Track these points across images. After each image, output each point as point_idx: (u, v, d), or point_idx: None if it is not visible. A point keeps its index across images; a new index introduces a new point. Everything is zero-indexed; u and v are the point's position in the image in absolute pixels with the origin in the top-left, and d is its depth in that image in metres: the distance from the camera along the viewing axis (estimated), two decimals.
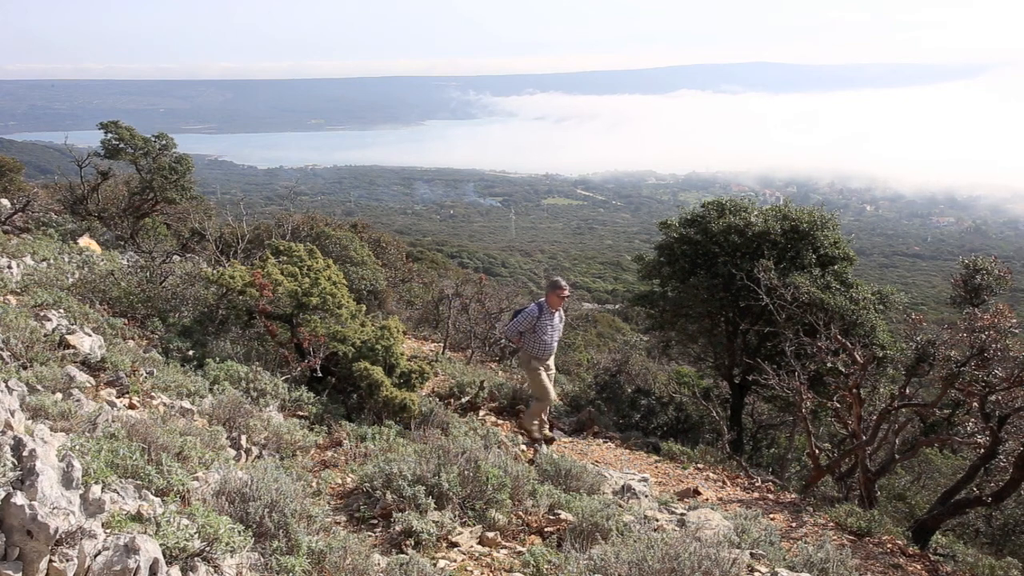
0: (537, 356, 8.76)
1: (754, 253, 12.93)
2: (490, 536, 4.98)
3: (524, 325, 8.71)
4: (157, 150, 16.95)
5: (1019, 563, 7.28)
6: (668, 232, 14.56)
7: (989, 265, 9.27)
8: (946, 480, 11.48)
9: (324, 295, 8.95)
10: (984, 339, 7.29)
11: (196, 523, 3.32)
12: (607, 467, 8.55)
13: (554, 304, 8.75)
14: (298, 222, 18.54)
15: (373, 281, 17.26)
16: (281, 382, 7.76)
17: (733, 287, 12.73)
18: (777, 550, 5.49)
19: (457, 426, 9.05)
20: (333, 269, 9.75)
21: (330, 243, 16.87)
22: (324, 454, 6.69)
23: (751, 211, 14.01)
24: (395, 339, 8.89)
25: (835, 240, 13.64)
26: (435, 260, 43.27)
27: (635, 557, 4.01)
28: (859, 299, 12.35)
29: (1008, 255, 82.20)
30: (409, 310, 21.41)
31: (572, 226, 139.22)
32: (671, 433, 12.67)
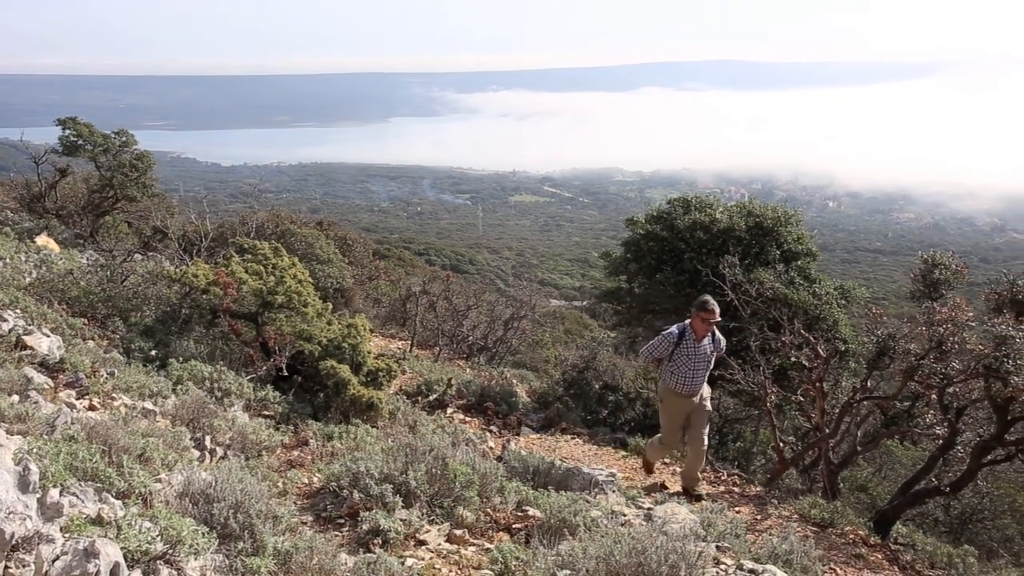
0: (673, 389, 7.47)
1: (719, 249, 13.05)
2: (458, 534, 4.97)
3: (660, 350, 7.46)
4: (117, 147, 16.66)
5: (975, 551, 7.44)
6: (634, 229, 14.65)
7: (947, 260, 9.45)
8: (906, 471, 11.69)
9: (289, 293, 8.86)
10: (942, 332, 7.42)
11: (159, 525, 3.26)
12: (575, 463, 8.58)
13: (699, 330, 7.31)
14: (263, 220, 18.36)
15: (339, 279, 17.16)
16: (246, 382, 7.67)
17: (699, 283, 12.82)
18: (742, 542, 5.55)
19: (425, 424, 9.04)
20: (299, 267, 9.66)
21: (295, 241, 16.74)
22: (290, 454, 6.63)
23: (716, 208, 14.15)
24: (362, 337, 8.84)
25: (798, 236, 13.83)
26: (402, 258, 43.07)
27: (602, 552, 4.03)
28: (822, 294, 12.53)
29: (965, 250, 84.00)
30: (376, 308, 21.32)
31: (539, 223, 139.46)
32: (639, 428, 12.74)
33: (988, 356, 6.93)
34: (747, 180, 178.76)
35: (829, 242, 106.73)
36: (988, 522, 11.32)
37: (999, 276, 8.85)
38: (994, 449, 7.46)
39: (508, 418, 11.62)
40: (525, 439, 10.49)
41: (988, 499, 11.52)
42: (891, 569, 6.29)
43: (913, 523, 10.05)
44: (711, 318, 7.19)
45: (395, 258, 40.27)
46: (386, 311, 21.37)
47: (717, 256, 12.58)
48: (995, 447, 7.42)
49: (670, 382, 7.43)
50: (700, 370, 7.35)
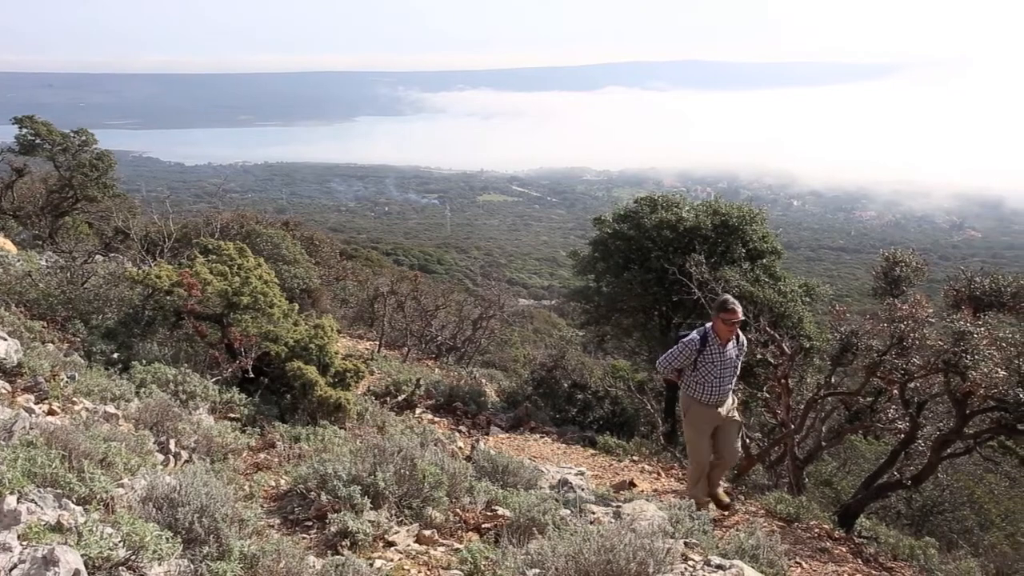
0: (697, 400, 6.80)
1: (686, 248, 13.17)
2: (427, 534, 4.95)
3: (681, 359, 6.75)
4: (77, 146, 16.37)
5: (936, 542, 7.59)
6: (602, 228, 14.72)
7: (907, 258, 9.62)
8: (870, 465, 11.89)
9: (255, 294, 8.77)
10: (903, 329, 7.56)
11: (121, 531, 3.21)
12: (544, 462, 8.60)
13: (722, 333, 6.64)
14: (227, 220, 18.15)
15: (306, 279, 17.02)
16: (211, 384, 7.57)
17: (666, 281, 12.94)
18: (710, 538, 5.60)
19: (393, 425, 9.00)
20: (264, 268, 9.56)
21: (261, 241, 16.56)
22: (257, 456, 6.55)
23: (682, 207, 14.28)
24: (329, 338, 8.76)
25: (763, 235, 14.00)
26: (370, 258, 42.83)
27: (571, 550, 4.04)
28: (787, 292, 12.72)
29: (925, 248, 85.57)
30: (344, 308, 21.19)
31: (508, 222, 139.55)
32: (607, 427, 12.81)
33: (947, 352, 7.07)
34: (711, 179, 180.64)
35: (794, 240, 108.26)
36: (948, 514, 11.56)
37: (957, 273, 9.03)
38: (953, 442, 7.62)
39: (477, 418, 11.61)
40: (494, 438, 10.49)
41: (948, 491, 11.76)
42: (855, 562, 6.39)
43: (876, 516, 10.22)
44: (733, 319, 6.54)
45: (362, 258, 40.02)
46: (354, 311, 21.25)
47: (684, 255, 12.69)
48: (954, 440, 7.58)
49: (695, 392, 6.76)
50: (727, 377, 6.73)
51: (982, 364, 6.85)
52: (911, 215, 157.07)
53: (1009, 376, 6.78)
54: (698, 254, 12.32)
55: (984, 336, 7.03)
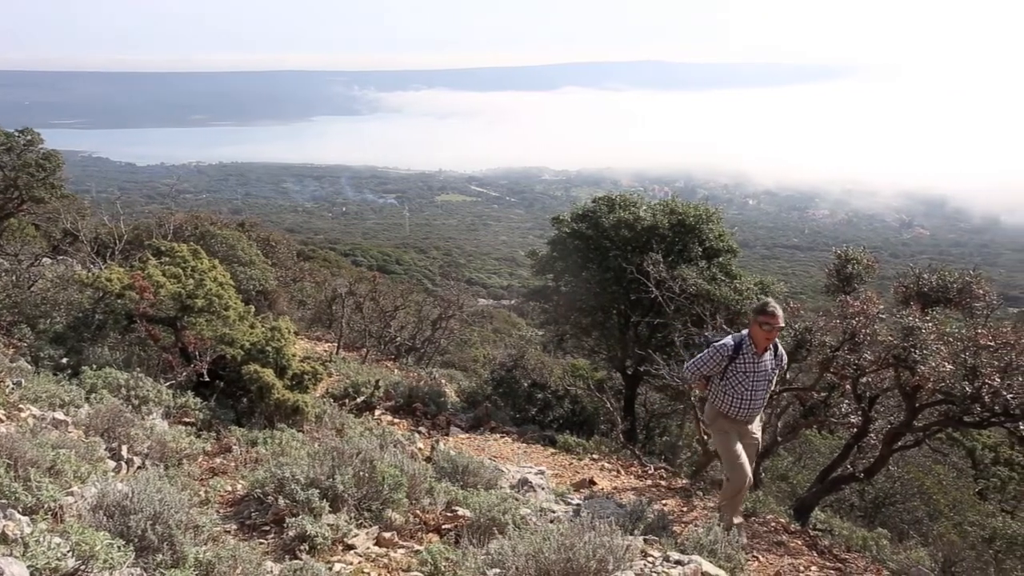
0: (725, 414, 6.12)
1: (644, 247, 13.26)
2: (387, 536, 4.92)
3: (710, 365, 6.06)
4: (22, 146, 15.93)
5: (888, 533, 7.76)
6: (560, 227, 14.76)
7: (859, 255, 9.82)
8: (824, 459, 12.12)
9: (210, 297, 8.62)
10: (855, 325, 7.71)
11: (70, 541, 3.13)
12: (505, 462, 8.60)
13: (759, 340, 6.00)
14: (181, 221, 17.82)
15: (262, 281, 16.79)
16: (165, 388, 7.44)
17: (624, 280, 13.01)
18: (669, 534, 5.67)
19: (352, 427, 8.93)
20: (219, 269, 9.41)
21: (216, 243, 16.31)
22: (213, 461, 6.45)
23: (640, 206, 14.37)
24: (286, 340, 8.67)
25: (720, 233, 14.16)
26: (327, 259, 42.43)
27: (531, 549, 4.05)
28: (743, 290, 12.87)
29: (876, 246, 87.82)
30: (301, 310, 20.97)
31: (467, 222, 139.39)
32: (567, 425, 12.87)
33: (897, 347, 7.23)
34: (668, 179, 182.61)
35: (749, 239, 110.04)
36: (899, 505, 11.82)
37: (907, 270, 9.26)
38: (904, 435, 7.79)
39: (437, 418, 11.58)
40: (454, 439, 10.47)
41: (899, 483, 12.03)
42: (810, 554, 6.51)
43: (831, 509, 10.42)
44: (774, 324, 5.91)
45: (320, 259, 39.64)
46: (311, 313, 21.03)
47: (642, 254, 12.78)
48: (905, 433, 7.75)
49: (722, 405, 6.08)
50: (760, 390, 6.05)
51: (930, 358, 7.02)
52: (862, 214, 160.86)
53: (956, 370, 6.95)
54: (656, 253, 12.41)
55: (932, 331, 7.20)
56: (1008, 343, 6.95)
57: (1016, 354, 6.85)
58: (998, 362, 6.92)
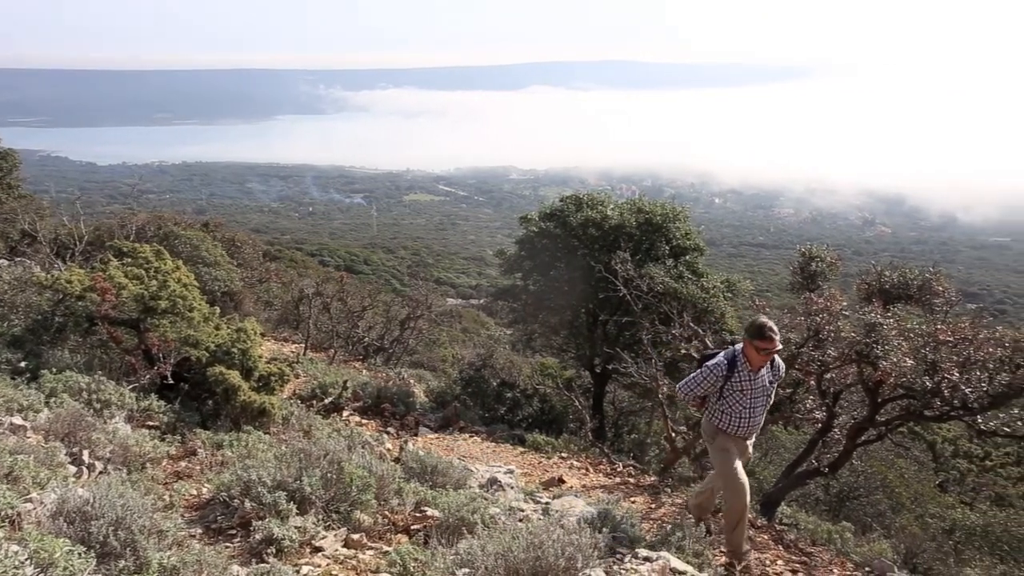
0: (724, 430, 5.84)
1: (611, 245, 13.34)
2: (355, 538, 4.89)
3: (705, 386, 5.78)
4: None
5: (852, 526, 7.89)
6: (528, 227, 14.80)
7: (823, 253, 9.98)
8: (790, 454, 12.28)
9: (174, 298, 8.49)
10: (819, 322, 7.83)
11: (28, 548, 3.06)
12: (474, 461, 8.59)
13: (754, 360, 5.64)
14: (144, 221, 17.55)
15: (228, 282, 16.60)
16: (128, 391, 7.30)
17: (592, 279, 13.08)
18: (637, 531, 5.70)
19: (320, 428, 8.85)
20: (183, 270, 9.27)
21: (180, 243, 16.09)
22: (177, 465, 6.35)
23: (607, 205, 14.46)
24: (252, 341, 8.56)
25: (686, 232, 14.30)
26: (294, 259, 42.13)
27: (500, 548, 4.05)
28: (709, 288, 13.01)
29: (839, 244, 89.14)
30: (268, 311, 20.77)
31: (435, 222, 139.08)
32: (536, 424, 12.89)
33: (860, 343, 7.36)
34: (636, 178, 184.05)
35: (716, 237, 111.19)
36: (863, 499, 12.02)
37: (869, 268, 9.43)
38: (867, 430, 7.93)
39: (406, 419, 11.53)
40: (423, 439, 10.43)
41: (863, 477, 12.23)
42: (777, 548, 6.59)
43: (797, 503, 10.57)
44: (771, 349, 5.53)
45: (287, 259, 39.35)
46: (278, 314, 20.83)
47: (609, 252, 12.86)
48: (868, 428, 7.89)
49: (720, 423, 5.81)
50: (759, 407, 5.80)
51: (892, 354, 7.15)
52: (826, 212, 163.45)
53: (916, 365, 7.09)
54: (623, 252, 12.50)
55: (893, 327, 7.34)
56: (966, 339, 7.10)
57: (974, 349, 7.01)
58: (957, 357, 7.07)
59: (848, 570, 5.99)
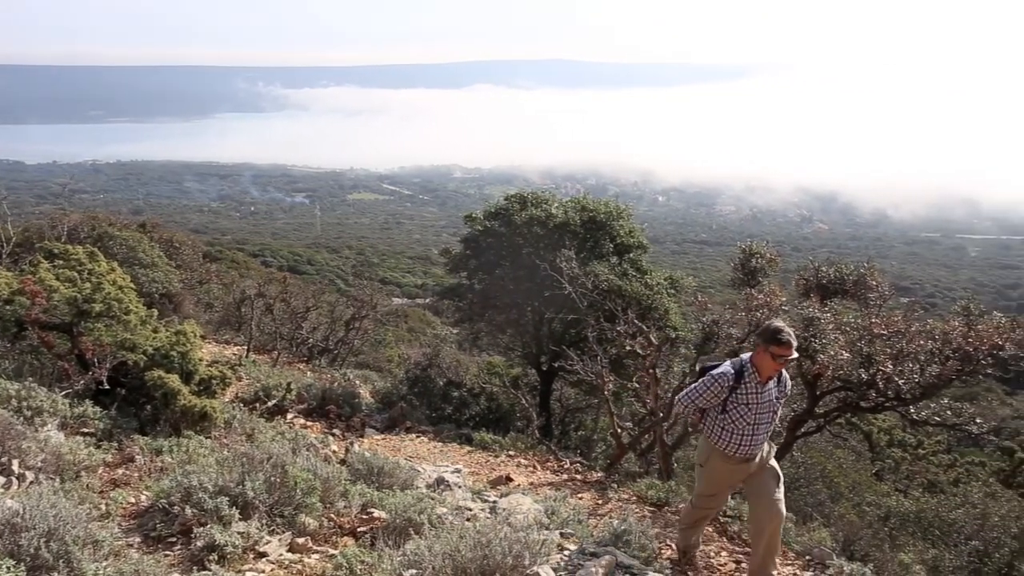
0: (722, 451, 5.21)
1: (556, 244, 13.40)
2: (300, 542, 4.82)
3: (707, 397, 5.19)
4: None
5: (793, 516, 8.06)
6: (473, 225, 14.78)
7: (762, 250, 10.20)
8: None
9: (109, 301, 8.24)
10: (759, 317, 8.00)
11: None
12: (421, 461, 8.55)
13: (766, 369, 5.08)
14: (76, 222, 17.00)
15: (166, 284, 16.21)
16: (61, 398, 7.07)
17: (537, 277, 13.11)
18: (585, 527, 5.75)
19: (263, 431, 8.70)
20: (119, 272, 9.01)
21: (115, 244, 15.65)
22: (114, 472, 6.17)
23: (552, 203, 14.52)
24: (192, 344, 8.37)
25: (630, 230, 14.45)
26: (235, 260, 41.36)
27: (448, 548, 4.04)
28: (653, 285, 13.18)
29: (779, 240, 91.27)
30: (208, 313, 20.32)
31: (379, 221, 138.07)
32: (483, 423, 12.88)
33: (798, 337, 7.53)
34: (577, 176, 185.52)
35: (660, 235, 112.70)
36: (803, 489, 12.30)
37: (807, 264, 9.66)
38: (806, 422, 8.14)
39: (351, 420, 11.41)
40: (370, 440, 10.34)
41: (803, 468, 12.52)
42: (721, 540, 6.70)
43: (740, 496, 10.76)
44: (787, 355, 5.00)
45: (228, 260, 38.63)
46: (219, 316, 20.40)
47: (554, 250, 12.92)
48: (807, 420, 8.09)
49: (719, 442, 5.21)
50: (763, 424, 5.20)
51: (829, 347, 7.35)
52: (765, 209, 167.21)
53: (852, 358, 7.30)
54: (568, 250, 12.57)
55: (830, 321, 7.55)
56: (899, 331, 7.34)
57: (907, 342, 7.25)
58: (891, 350, 7.31)
59: (789, 559, 6.13)
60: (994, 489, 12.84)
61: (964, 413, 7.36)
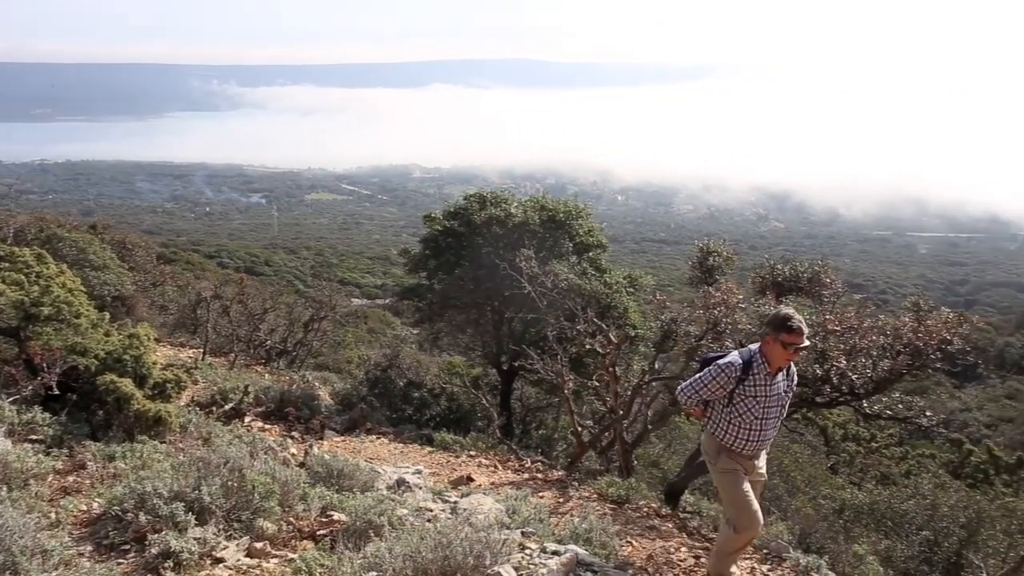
0: (731, 447, 4.98)
1: (516, 243, 13.40)
2: (258, 546, 4.75)
3: (712, 389, 4.91)
4: None
5: None
6: (433, 225, 14.73)
7: (720, 248, 10.32)
8: (693, 444, 12.64)
9: (58, 304, 8.05)
10: (717, 315, 8.10)
11: None
12: (381, 463, 8.49)
13: (776, 359, 4.82)
14: (23, 224, 16.58)
15: (118, 286, 15.89)
16: (8, 404, 6.89)
17: (497, 277, 13.10)
18: (546, 526, 5.76)
19: (220, 435, 8.56)
20: (68, 275, 8.80)
21: (64, 246, 15.28)
22: (65, 480, 6.02)
23: (511, 203, 14.53)
24: (146, 347, 8.20)
25: (589, 229, 14.53)
26: (191, 261, 40.74)
27: (408, 550, 4.02)
28: (612, 283, 13.26)
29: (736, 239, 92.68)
30: (163, 315, 19.95)
31: (338, 221, 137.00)
32: (444, 423, 12.84)
33: (755, 334, 7.64)
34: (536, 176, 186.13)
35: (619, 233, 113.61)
36: None
37: (763, 262, 9.81)
38: None
39: (311, 422, 11.28)
40: (329, 442, 10.23)
41: None
42: (681, 536, 6.77)
43: (700, 491, 10.87)
44: (799, 344, 4.76)
45: (183, 262, 38.01)
46: (174, 318, 20.03)
47: (514, 250, 12.91)
48: None
49: (725, 437, 4.95)
50: (772, 418, 4.96)
51: None
52: (722, 208, 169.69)
53: (808, 354, 7.41)
54: (527, 249, 12.58)
55: None
56: (852, 327, 7.48)
57: (859, 338, 7.39)
58: (844, 345, 7.45)
59: (747, 553, 6.21)
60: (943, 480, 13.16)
61: (915, 406, 7.52)
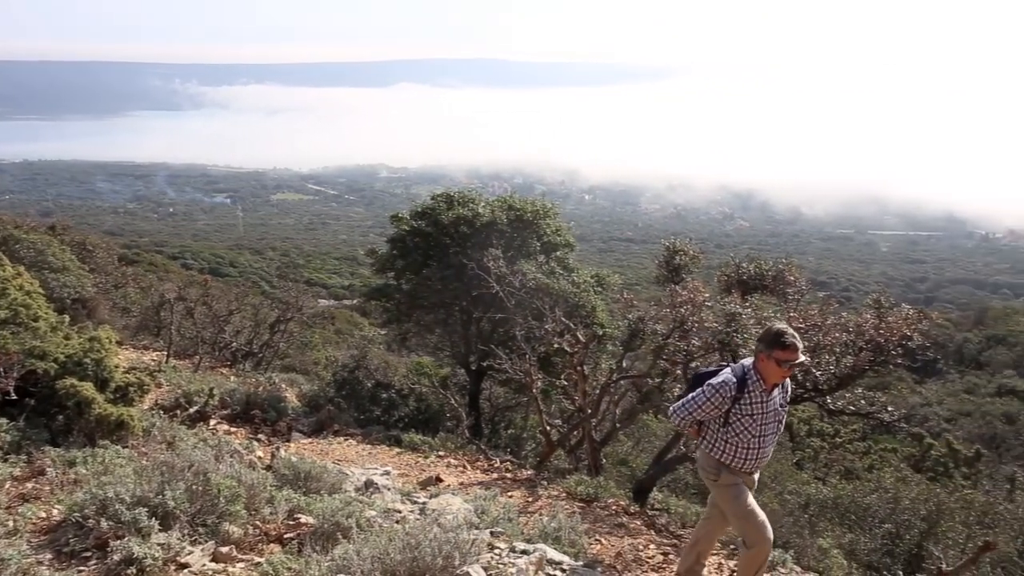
0: (728, 465, 4.84)
1: (483, 243, 13.39)
2: (224, 551, 4.69)
3: (708, 408, 4.75)
4: None
5: None
6: (400, 225, 14.65)
7: (686, 247, 10.42)
8: (661, 442, 12.73)
9: (15, 307, 7.89)
10: (683, 313, 8.17)
11: None
12: (349, 464, 8.44)
13: (771, 376, 4.67)
14: None
15: (78, 288, 15.59)
16: None
17: (465, 277, 13.08)
18: (515, 526, 5.76)
19: (185, 439, 8.44)
20: (26, 277, 8.62)
21: (22, 248, 14.96)
22: (23, 486, 5.90)
23: (479, 203, 14.51)
24: (107, 350, 8.06)
25: (557, 228, 14.56)
26: (154, 262, 40.15)
27: (377, 551, 4.00)
28: (580, 282, 13.31)
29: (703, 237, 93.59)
30: (125, 318, 19.62)
31: (304, 222, 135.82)
32: (413, 424, 12.79)
33: (721, 332, 7.73)
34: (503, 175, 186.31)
35: (587, 233, 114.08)
36: None
37: (728, 260, 9.91)
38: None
39: (277, 425, 11.17)
40: (296, 445, 10.14)
41: None
42: (649, 533, 6.82)
43: (668, 489, 10.96)
44: (793, 360, 4.59)
45: (145, 263, 37.46)
46: (137, 320, 19.71)
47: (481, 249, 12.90)
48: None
49: (724, 456, 4.81)
50: (770, 434, 4.82)
51: (750, 342, 7.54)
52: (688, 207, 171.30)
53: None
54: (495, 249, 12.57)
55: (751, 316, 7.75)
56: (816, 325, 7.59)
57: (823, 335, 7.50)
58: (808, 343, 7.54)
59: (715, 548, 6.27)
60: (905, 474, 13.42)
61: (877, 402, 7.65)
